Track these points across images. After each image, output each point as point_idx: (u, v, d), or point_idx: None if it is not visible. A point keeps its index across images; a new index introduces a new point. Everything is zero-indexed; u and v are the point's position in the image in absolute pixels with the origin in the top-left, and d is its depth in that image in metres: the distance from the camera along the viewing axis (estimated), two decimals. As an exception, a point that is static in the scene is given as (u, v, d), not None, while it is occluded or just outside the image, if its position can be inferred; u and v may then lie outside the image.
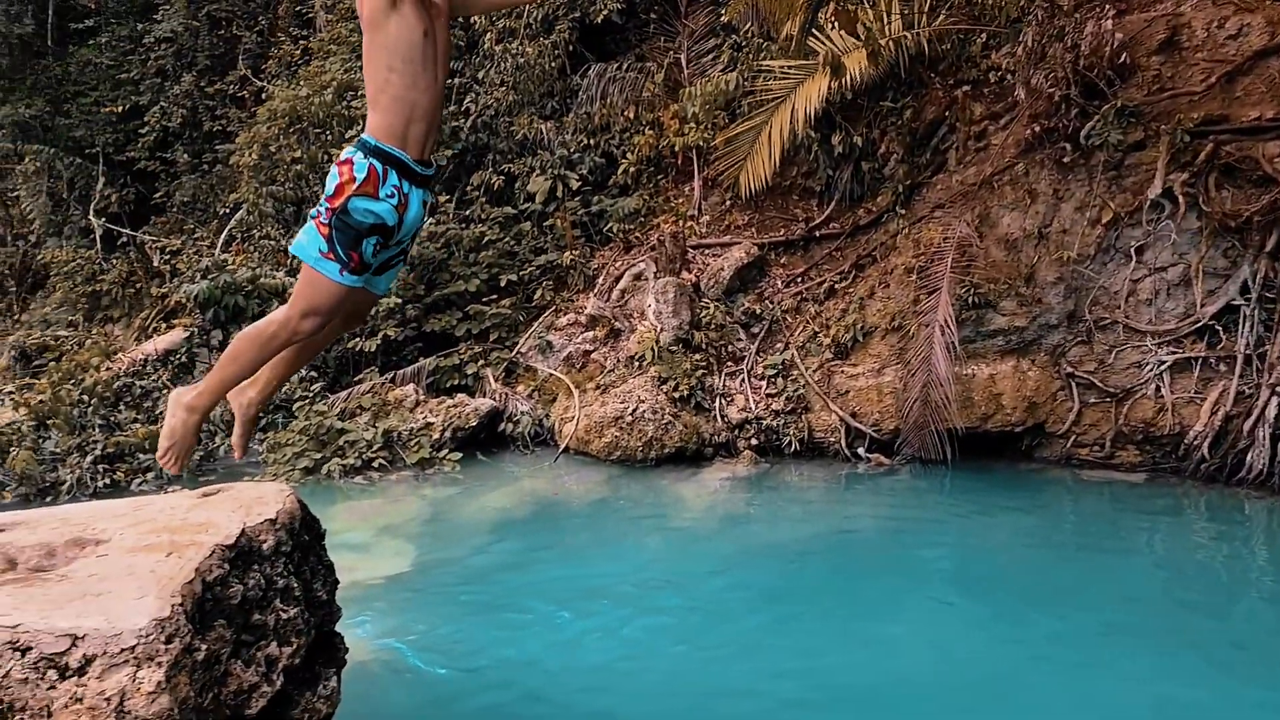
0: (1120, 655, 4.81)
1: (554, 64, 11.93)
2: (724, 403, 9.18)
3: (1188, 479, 7.74)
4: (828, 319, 9.44)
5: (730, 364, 9.53)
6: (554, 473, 8.68)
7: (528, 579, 6.06)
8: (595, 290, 10.57)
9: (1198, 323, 7.87)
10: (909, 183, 9.71)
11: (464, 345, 10.28)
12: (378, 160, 2.68)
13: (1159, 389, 8.00)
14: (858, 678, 4.62)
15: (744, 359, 9.54)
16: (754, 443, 8.91)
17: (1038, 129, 8.50)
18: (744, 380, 9.36)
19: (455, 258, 10.74)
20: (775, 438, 8.96)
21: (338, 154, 2.85)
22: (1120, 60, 8.15)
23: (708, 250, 10.61)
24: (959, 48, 9.68)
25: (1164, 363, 7.99)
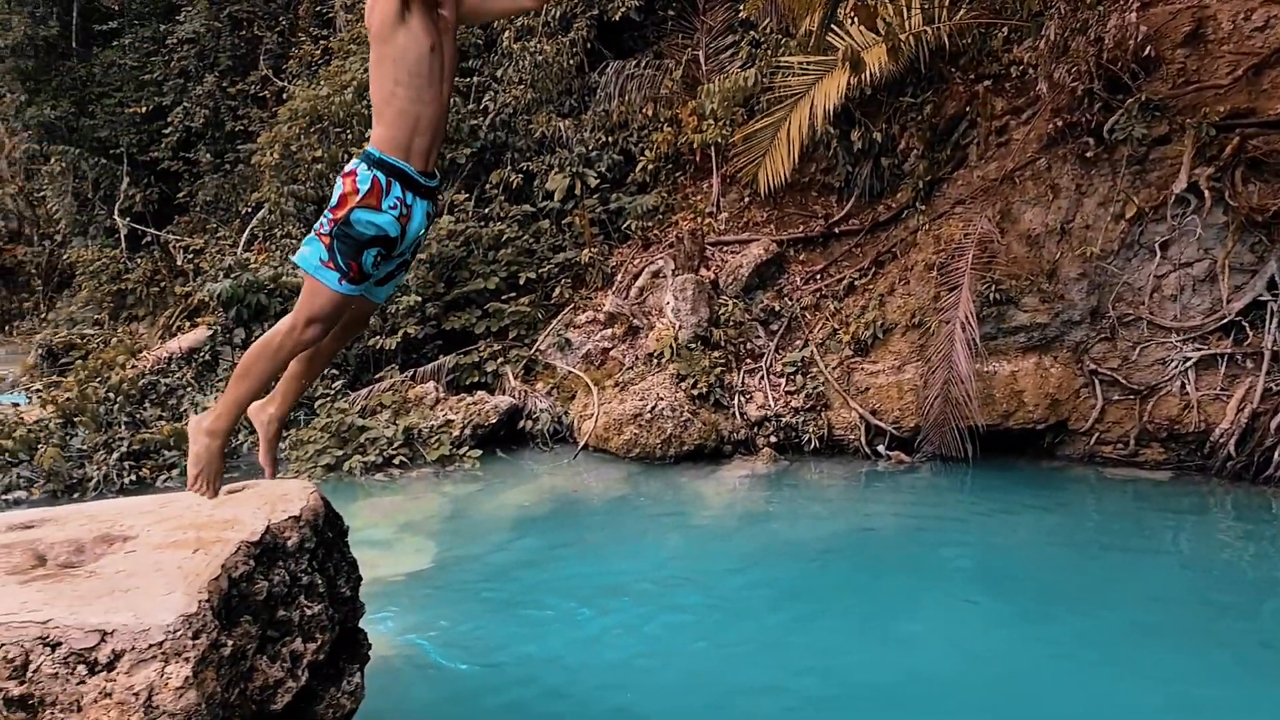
0: (1146, 655, 4.77)
1: (572, 62, 11.94)
2: (743, 400, 9.16)
3: (1213, 477, 7.65)
4: (847, 316, 9.39)
5: (749, 361, 9.51)
6: (573, 470, 8.70)
7: (548, 576, 6.08)
8: (614, 288, 10.58)
9: (1224, 319, 7.77)
10: (929, 178, 9.64)
11: (483, 343, 10.31)
12: (381, 172, 2.74)
13: (1184, 386, 7.90)
14: (878, 675, 4.60)
15: (763, 356, 9.51)
16: (773, 440, 8.89)
17: (1060, 123, 8.41)
18: (763, 377, 9.34)
19: (475, 256, 10.77)
20: (794, 435, 8.94)
21: (357, 154, 2.89)
22: (1144, 53, 8.05)
23: (726, 247, 10.59)
24: (980, 42, 9.60)
25: (1189, 359, 7.89)
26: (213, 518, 2.89)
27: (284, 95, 14.11)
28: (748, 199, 10.97)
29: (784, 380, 9.28)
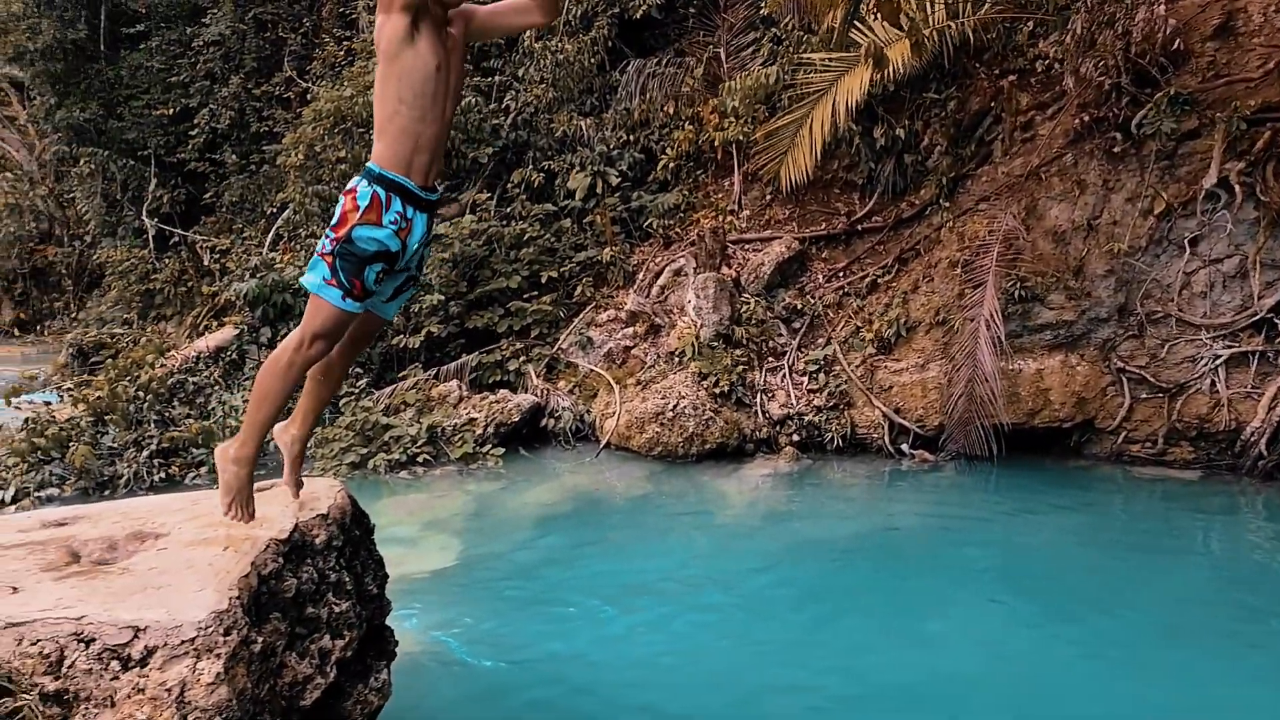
0: (1175, 656, 4.71)
1: (593, 60, 11.95)
2: (765, 398, 9.13)
3: (1244, 476, 7.55)
4: (870, 313, 9.34)
5: (771, 359, 9.48)
6: (595, 468, 8.72)
7: (572, 574, 6.09)
8: (635, 286, 10.58)
9: (1255, 315, 7.66)
10: (953, 175, 9.56)
11: (505, 341, 10.35)
12: (381, 187, 2.79)
13: (1214, 384, 7.80)
14: (902, 675, 4.58)
15: (785, 354, 9.48)
16: (795, 439, 8.85)
17: (1087, 118, 8.32)
18: (785, 376, 9.30)
19: (497, 255, 10.81)
20: (817, 434, 8.90)
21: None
22: (1173, 46, 7.94)
23: (748, 245, 10.56)
24: (1005, 37, 9.50)
25: (1219, 357, 7.78)
26: (242, 516, 2.92)
27: (308, 96, 14.23)
28: (769, 196, 10.94)
29: (806, 378, 9.24)
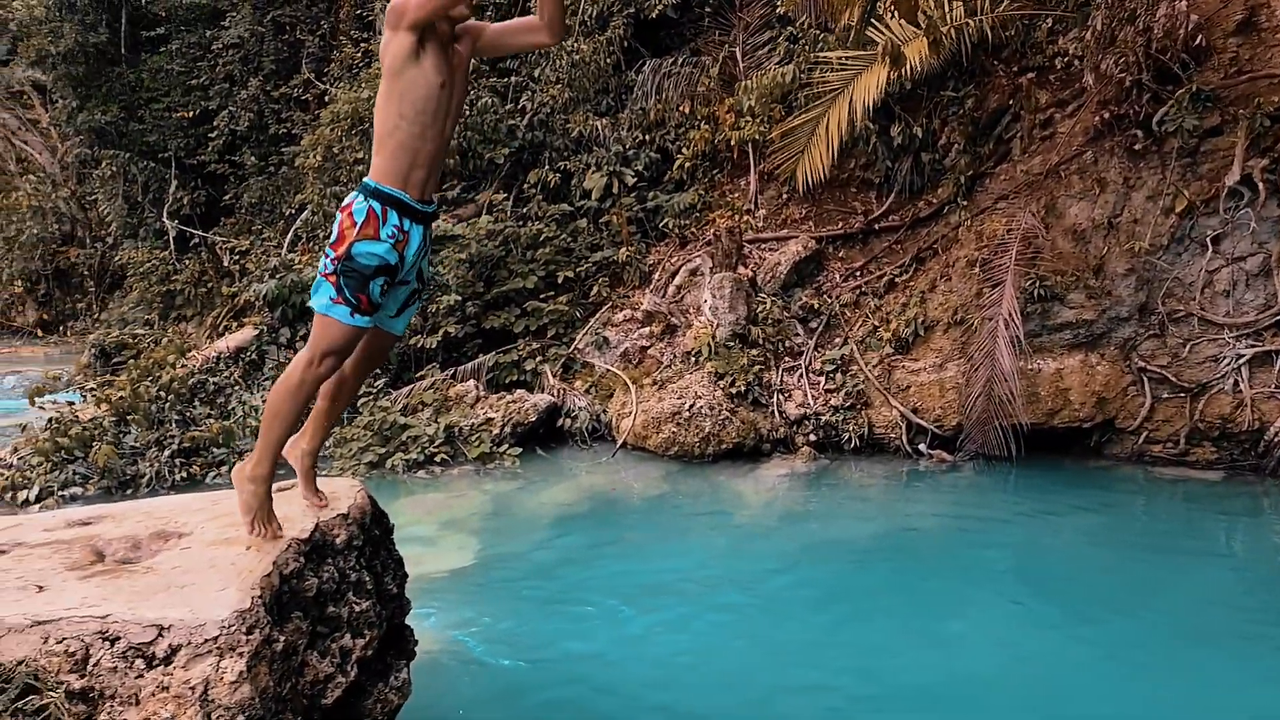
0: (1196, 658, 4.67)
1: (609, 60, 11.96)
2: (782, 398, 9.11)
3: (1267, 477, 7.46)
4: (887, 313, 9.30)
5: (788, 359, 9.46)
6: (612, 468, 8.73)
7: (589, 574, 6.11)
8: (651, 286, 10.58)
9: (1279, 315, 7.57)
10: (971, 173, 9.51)
11: (522, 341, 10.38)
12: (378, 202, 2.81)
13: (1237, 384, 7.72)
14: (921, 676, 4.56)
15: (802, 354, 9.46)
16: (812, 439, 8.83)
17: (1107, 115, 8.24)
18: (802, 376, 9.28)
19: (513, 255, 10.84)
20: (834, 434, 8.87)
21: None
22: (1195, 43, 7.86)
23: (764, 245, 10.54)
24: (1024, 34, 9.44)
25: (1242, 356, 7.70)
26: (264, 515, 2.94)
27: (326, 98, 14.32)
28: (786, 196, 10.91)
29: (823, 378, 9.21)
